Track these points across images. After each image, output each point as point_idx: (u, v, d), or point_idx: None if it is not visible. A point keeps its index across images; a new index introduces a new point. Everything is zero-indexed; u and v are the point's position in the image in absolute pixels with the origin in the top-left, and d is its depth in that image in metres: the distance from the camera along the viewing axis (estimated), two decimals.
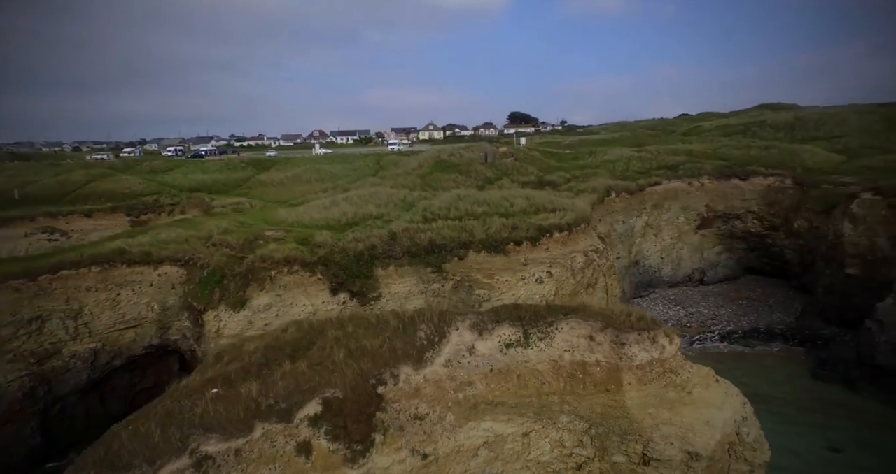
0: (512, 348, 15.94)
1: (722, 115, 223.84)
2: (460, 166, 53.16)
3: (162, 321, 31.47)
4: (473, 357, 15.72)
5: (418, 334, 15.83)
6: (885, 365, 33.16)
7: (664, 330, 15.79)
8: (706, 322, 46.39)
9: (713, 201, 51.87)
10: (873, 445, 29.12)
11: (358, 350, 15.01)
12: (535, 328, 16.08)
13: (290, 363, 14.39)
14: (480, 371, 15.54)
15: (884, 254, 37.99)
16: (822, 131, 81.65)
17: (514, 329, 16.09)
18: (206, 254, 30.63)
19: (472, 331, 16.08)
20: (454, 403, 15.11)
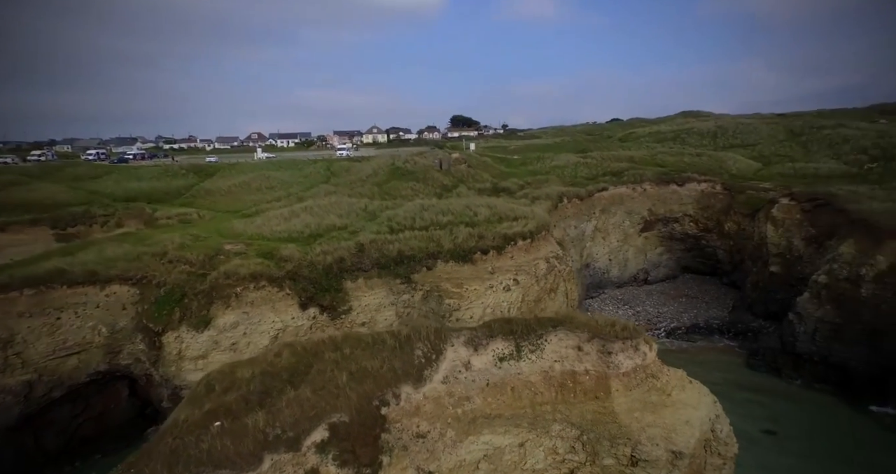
0: (505, 361, 16.60)
1: (650, 120, 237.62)
2: (416, 173, 53.45)
3: (111, 345, 29.35)
4: (470, 372, 16.22)
5: (416, 352, 16.10)
6: (804, 352, 37.12)
7: (644, 337, 17.09)
8: (652, 319, 49.55)
9: (655, 205, 55.53)
10: (801, 425, 32.41)
11: (359, 372, 15.04)
12: (526, 341, 16.84)
13: (292, 389, 14.18)
14: (477, 385, 16.06)
15: (799, 254, 42.47)
16: (740, 139, 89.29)
17: (507, 343, 16.77)
18: (163, 271, 29.01)
19: (466, 346, 16.57)
20: (454, 419, 15.51)
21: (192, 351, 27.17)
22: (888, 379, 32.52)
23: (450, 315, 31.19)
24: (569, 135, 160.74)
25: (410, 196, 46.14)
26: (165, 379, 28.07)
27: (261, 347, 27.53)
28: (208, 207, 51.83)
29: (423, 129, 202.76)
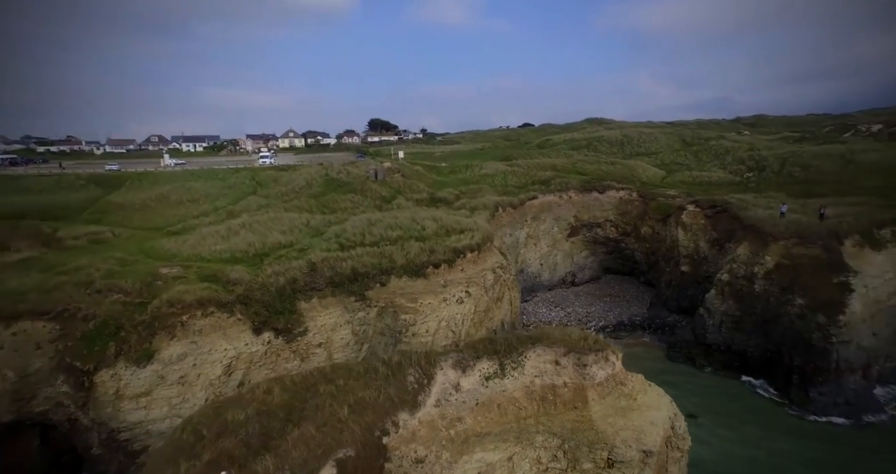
0: (491, 380, 17.44)
1: (561, 126, 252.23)
2: (353, 185, 52.80)
3: (20, 391, 25.87)
4: (460, 393, 16.85)
5: (408, 379, 16.40)
6: (713, 342, 42.05)
7: (611, 348, 18.79)
8: (583, 319, 53.20)
9: (579, 212, 59.61)
10: (717, 409, 36.71)
11: (358, 403, 15.04)
12: (508, 359, 17.81)
13: (295, 428, 13.84)
14: (468, 406, 16.74)
15: (705, 255, 48.03)
16: (643, 148, 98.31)
17: (492, 362, 17.62)
18: (91, 302, 26.31)
19: (455, 369, 17.17)
20: (447, 440, 16.06)
21: (132, 388, 24.96)
22: (775, 362, 37.92)
23: (406, 329, 31.47)
24: (488, 140, 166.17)
25: (350, 209, 45.57)
26: (98, 422, 25.49)
27: (213, 378, 26.06)
28: (122, 224, 47.13)
29: (342, 134, 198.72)
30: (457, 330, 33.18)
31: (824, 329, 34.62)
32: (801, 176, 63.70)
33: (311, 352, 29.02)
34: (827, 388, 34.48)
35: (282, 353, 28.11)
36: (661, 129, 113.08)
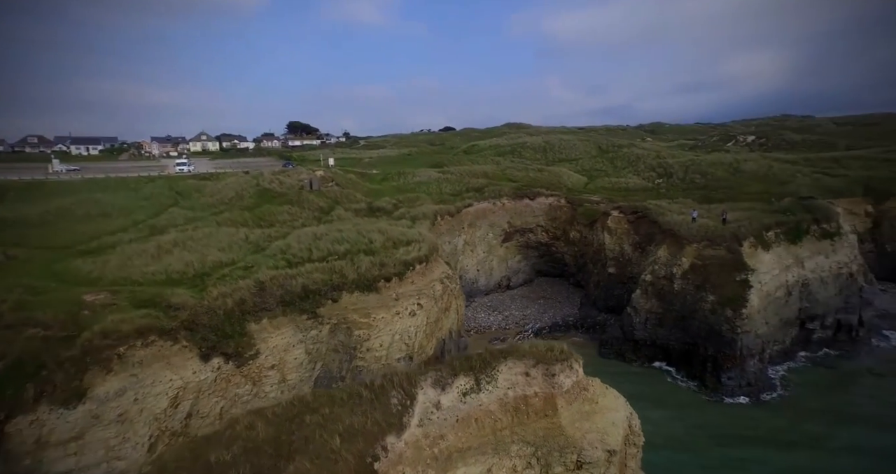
0: (468, 395, 18.07)
1: (482, 130, 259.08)
2: (289, 196, 50.98)
3: None
4: (440, 411, 17.30)
5: (392, 401, 16.55)
6: (640, 338, 45.97)
7: (574, 356, 20.18)
8: (520, 322, 55.60)
9: (513, 218, 62.15)
10: (643, 397, 39.85)
11: (348, 431, 14.93)
12: (483, 373, 18.55)
13: (289, 463, 13.46)
14: (448, 423, 17.23)
15: (629, 257, 52.30)
16: (564, 154, 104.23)
17: (468, 378, 18.25)
18: None
19: (434, 387, 17.58)
20: (431, 459, 16.46)
21: (59, 434, 22.46)
22: (693, 353, 42.32)
23: (360, 345, 31.27)
24: (413, 144, 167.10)
25: (289, 222, 44.04)
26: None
27: (158, 412, 24.21)
28: (17, 244, 41.86)
29: (261, 137, 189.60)
30: (410, 342, 33.50)
31: (731, 321, 39.25)
32: (702, 182, 71.22)
33: (263, 376, 27.89)
34: (734, 373, 39.12)
35: (232, 379, 26.75)
36: (578, 137, 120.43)
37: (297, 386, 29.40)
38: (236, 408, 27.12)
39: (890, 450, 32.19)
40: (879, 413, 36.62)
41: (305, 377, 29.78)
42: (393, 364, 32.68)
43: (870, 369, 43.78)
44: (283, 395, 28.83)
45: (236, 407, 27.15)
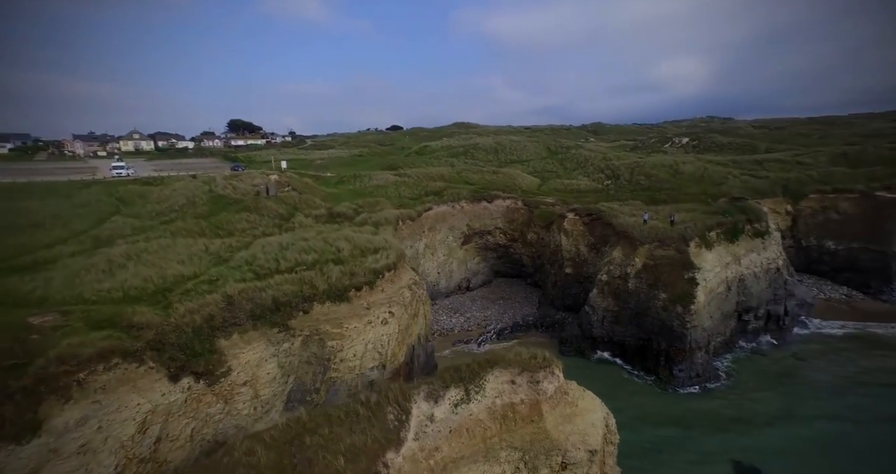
0: (459, 406, 18.53)
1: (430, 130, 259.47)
2: (245, 202, 49.14)
3: None
4: (434, 424, 17.65)
5: (388, 417, 16.71)
6: (598, 335, 48.27)
7: (555, 363, 21.12)
8: (482, 323, 56.70)
9: (471, 221, 63.12)
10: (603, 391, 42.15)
11: (350, 451, 14.94)
12: (472, 384, 19.06)
13: None
14: (442, 435, 17.63)
15: (585, 258, 54.63)
16: (516, 155, 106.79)
17: (458, 389, 18.70)
18: None
19: (427, 401, 17.90)
20: (428, 471, 16.83)
21: (10, 472, 20.87)
22: (647, 348, 45.01)
23: (334, 356, 30.96)
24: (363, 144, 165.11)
25: (248, 230, 42.57)
26: None
27: (125, 439, 22.93)
28: None
29: (200, 136, 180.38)
30: (383, 351, 33.52)
31: (681, 317, 42.09)
32: (646, 183, 75.35)
33: (235, 393, 27.02)
34: (684, 365, 42.01)
35: (203, 398, 25.75)
36: (528, 138, 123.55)
37: (270, 401, 28.74)
38: (207, 429, 26.21)
39: (818, 425, 35.93)
40: (805, 394, 40.67)
41: (279, 391, 29.14)
42: (366, 373, 32.64)
43: (794, 354, 48.35)
44: (257, 412, 28.17)
45: (208, 427, 26.22)
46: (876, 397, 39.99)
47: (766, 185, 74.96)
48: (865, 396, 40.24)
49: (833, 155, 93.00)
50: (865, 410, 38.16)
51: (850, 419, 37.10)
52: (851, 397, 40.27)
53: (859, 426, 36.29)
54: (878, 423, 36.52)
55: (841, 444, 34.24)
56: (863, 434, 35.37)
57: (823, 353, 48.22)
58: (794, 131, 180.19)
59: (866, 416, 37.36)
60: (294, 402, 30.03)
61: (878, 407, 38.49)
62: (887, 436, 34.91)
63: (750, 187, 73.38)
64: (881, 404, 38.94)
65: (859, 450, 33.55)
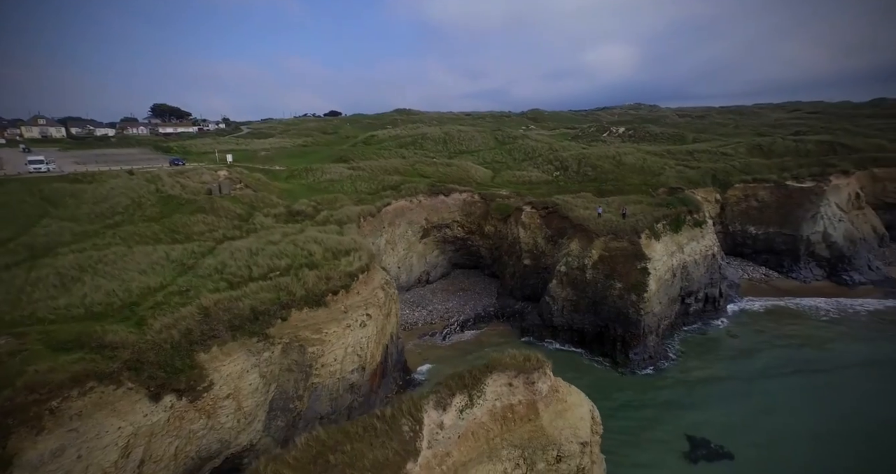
0: (464, 411, 19.37)
1: (371, 116, 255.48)
2: (198, 202, 46.55)
3: None
4: (444, 431, 18.40)
5: (403, 428, 17.21)
6: (558, 324, 50.83)
7: (546, 363, 22.41)
8: (444, 316, 57.78)
9: (430, 215, 63.62)
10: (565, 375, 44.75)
11: (375, 466, 15.32)
12: (475, 389, 19.93)
13: None
14: (452, 441, 18.43)
15: (543, 250, 56.92)
16: (464, 145, 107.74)
17: (463, 395, 19.50)
18: None
19: (436, 409, 18.57)
20: (441, 472, 17.64)
21: None
22: (605, 334, 48.10)
23: (315, 362, 30.78)
24: (303, 132, 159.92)
25: (207, 233, 40.58)
26: None
27: (107, 466, 21.88)
28: None
29: (122, 123, 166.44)
30: (362, 353, 33.69)
31: (636, 305, 45.30)
32: (593, 174, 79.00)
33: (218, 407, 26.34)
34: (639, 349, 45.41)
35: (186, 415, 24.93)
36: (474, 127, 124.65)
37: (253, 412, 28.25)
38: (191, 446, 25.49)
39: (754, 391, 40.78)
40: (741, 366, 45.49)
41: (261, 401, 28.68)
42: (347, 376, 32.75)
43: (728, 331, 53.57)
44: (240, 424, 27.66)
45: (191, 444, 25.48)
46: (793, 358, 46.87)
47: (698, 176, 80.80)
48: (786, 359, 46.70)
49: (750, 146, 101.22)
50: (788, 368, 45.09)
51: (779, 380, 42.97)
52: (776, 361, 46.36)
53: (787, 383, 42.50)
54: (799, 375, 43.58)
55: (774, 403, 39.50)
56: (789, 389, 41.53)
57: (751, 328, 53.79)
58: (712, 121, 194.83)
59: (791, 374, 44.14)
60: (277, 411, 29.74)
61: (796, 365, 45.46)
62: (808, 388, 41.64)
63: (684, 177, 78.84)
64: (798, 363, 45.91)
65: (791, 406, 39.02)
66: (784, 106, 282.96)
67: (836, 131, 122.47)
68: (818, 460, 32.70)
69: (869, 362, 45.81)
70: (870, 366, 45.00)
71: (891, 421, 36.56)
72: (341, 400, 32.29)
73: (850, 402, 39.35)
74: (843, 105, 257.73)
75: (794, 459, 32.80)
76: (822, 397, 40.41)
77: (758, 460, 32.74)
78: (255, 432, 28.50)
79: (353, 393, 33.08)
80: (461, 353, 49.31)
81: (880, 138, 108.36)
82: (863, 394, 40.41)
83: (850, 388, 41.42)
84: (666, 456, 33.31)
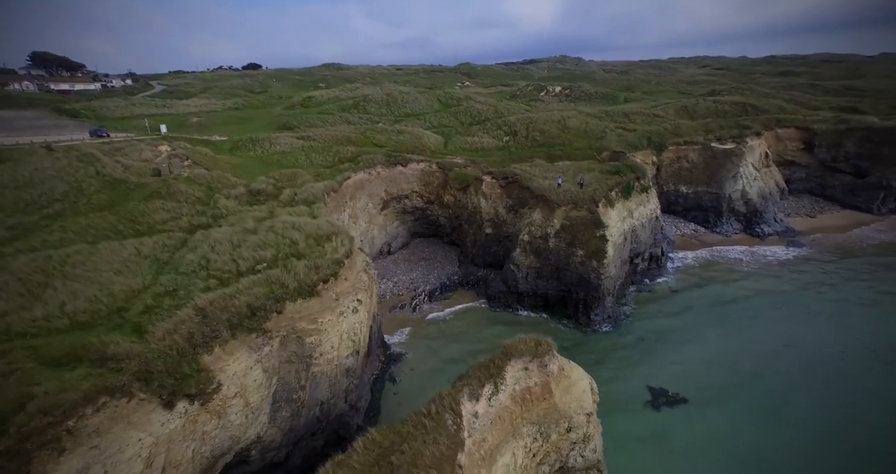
0: (492, 399, 21.15)
1: (297, 71, 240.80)
2: (152, 186, 42.94)
3: None
4: (479, 419, 20.12)
5: (447, 423, 18.67)
6: (523, 290, 53.95)
7: (553, 345, 24.53)
8: (410, 287, 59.09)
9: (389, 186, 63.22)
10: None
11: (435, 463, 16.66)
12: (498, 377, 21.71)
13: None
14: (486, 427, 20.24)
15: (504, 219, 59.03)
16: (409, 108, 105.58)
17: (490, 384, 21.21)
18: None
19: (470, 400, 20.16)
20: (481, 460, 19.53)
21: None
22: (567, 298, 51.90)
23: (314, 351, 31.21)
24: (228, 91, 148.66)
25: (170, 222, 38.04)
26: None
27: None
28: None
29: None
30: (356, 338, 34.45)
31: (596, 270, 49.07)
32: (541, 139, 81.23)
33: (227, 406, 26.39)
34: (599, 310, 49.68)
35: (199, 418, 24.86)
36: (417, 89, 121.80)
37: (259, 406, 28.54)
38: (205, 447, 25.64)
39: (700, 339, 46.92)
40: (685, 317, 51.41)
41: (265, 395, 28.96)
42: (343, 362, 33.56)
43: (670, 287, 59.61)
44: (248, 420, 27.98)
45: (205, 445, 25.61)
46: (723, 303, 54.42)
47: (636, 139, 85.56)
48: (719, 305, 54.01)
49: (677, 108, 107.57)
50: (719, 313, 52.52)
51: (714, 326, 49.78)
52: (710, 309, 53.27)
53: (720, 326, 49.53)
54: (730, 319, 51.03)
55: (712, 346, 45.96)
56: (724, 332, 48.42)
57: (688, 281, 60.23)
58: (636, 77, 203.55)
59: (722, 319, 51.45)
60: (280, 402, 30.22)
61: (725, 310, 53.01)
62: (737, 328, 49.15)
63: (624, 141, 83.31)
64: (728, 307, 53.53)
65: (725, 347, 45.73)
66: (695, 61, 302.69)
67: (745, 91, 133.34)
68: (744, 381, 40.55)
69: (780, 304, 53.64)
70: (780, 308, 52.81)
71: (794, 338, 46.41)
72: (339, 384, 33.22)
73: (768, 328, 48.61)
74: (742, 62, 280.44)
75: (733, 390, 39.30)
76: (746, 331, 48.44)
77: (708, 400, 38.21)
78: (261, 425, 28.94)
79: (350, 377, 34.07)
80: (435, 322, 51.44)
81: (778, 98, 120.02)
82: (783, 328, 48.66)
83: (772, 322, 49.90)
84: (633, 407, 37.85)
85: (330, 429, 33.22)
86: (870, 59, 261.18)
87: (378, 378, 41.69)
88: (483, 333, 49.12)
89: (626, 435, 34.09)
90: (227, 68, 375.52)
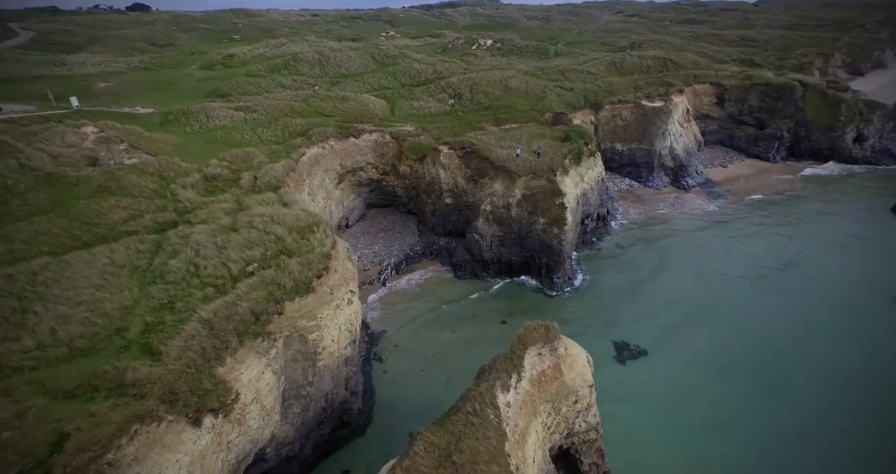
0: (517, 386, 23.38)
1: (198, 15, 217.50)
2: (96, 180, 38.72)
3: None
4: (511, 408, 22.31)
5: (490, 417, 20.64)
6: (488, 258, 56.39)
7: (558, 329, 26.95)
8: (374, 260, 59.55)
9: (343, 160, 61.57)
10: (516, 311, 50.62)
11: (493, 458, 18.65)
12: (520, 366, 23.88)
13: None
14: (517, 413, 22.52)
15: (463, 189, 60.17)
16: (344, 68, 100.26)
17: (514, 374, 23.34)
18: None
19: (503, 391, 22.22)
20: (516, 443, 21.93)
21: None
22: (531, 264, 55.17)
23: (318, 347, 31.72)
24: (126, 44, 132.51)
25: (130, 221, 35.21)
26: None
27: None
28: None
29: None
30: (352, 328, 35.21)
31: (557, 237, 52.35)
32: (486, 102, 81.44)
33: (246, 412, 26.70)
34: (560, 273, 53.54)
35: (223, 429, 25.09)
36: (349, 47, 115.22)
37: (272, 407, 29.03)
38: (231, 455, 26.12)
39: (650, 291, 52.61)
40: (632, 274, 56.88)
41: (277, 395, 29.42)
42: (343, 352, 34.41)
43: (617, 244, 64.98)
44: (264, 422, 28.49)
45: (230, 453, 26.08)
46: (663, 254, 61.18)
47: (574, 98, 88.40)
48: (658, 256, 60.60)
49: (607, 63, 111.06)
50: (659, 263, 59.18)
51: (657, 278, 55.94)
52: (651, 261, 59.54)
53: (663, 277, 55.99)
54: (670, 268, 57.56)
55: (659, 297, 51.96)
56: (667, 283, 54.76)
57: (630, 237, 65.98)
58: (557, 25, 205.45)
59: (669, 266, 58.20)
60: (290, 399, 30.89)
61: (668, 256, 60.13)
62: (681, 274, 56.21)
63: (563, 101, 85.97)
64: (668, 253, 60.78)
65: (671, 297, 51.77)
66: (608, 6, 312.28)
67: (662, 44, 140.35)
68: (693, 321, 47.39)
69: (713, 249, 61.42)
70: (713, 253, 60.45)
71: (720, 268, 56.09)
72: (340, 374, 34.24)
73: (704, 272, 56.80)
74: (650, 6, 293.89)
75: (688, 333, 45.55)
76: (689, 277, 55.77)
77: (664, 348, 43.67)
78: (274, 424, 29.58)
79: (349, 365, 35.12)
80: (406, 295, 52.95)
81: (690, 51, 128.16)
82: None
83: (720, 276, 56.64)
84: (602, 362, 42.33)
85: (335, 416, 34.54)
86: (755, 6, 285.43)
87: (366, 359, 42.98)
88: (459, 303, 51.51)
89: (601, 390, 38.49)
90: (107, 8, 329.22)
